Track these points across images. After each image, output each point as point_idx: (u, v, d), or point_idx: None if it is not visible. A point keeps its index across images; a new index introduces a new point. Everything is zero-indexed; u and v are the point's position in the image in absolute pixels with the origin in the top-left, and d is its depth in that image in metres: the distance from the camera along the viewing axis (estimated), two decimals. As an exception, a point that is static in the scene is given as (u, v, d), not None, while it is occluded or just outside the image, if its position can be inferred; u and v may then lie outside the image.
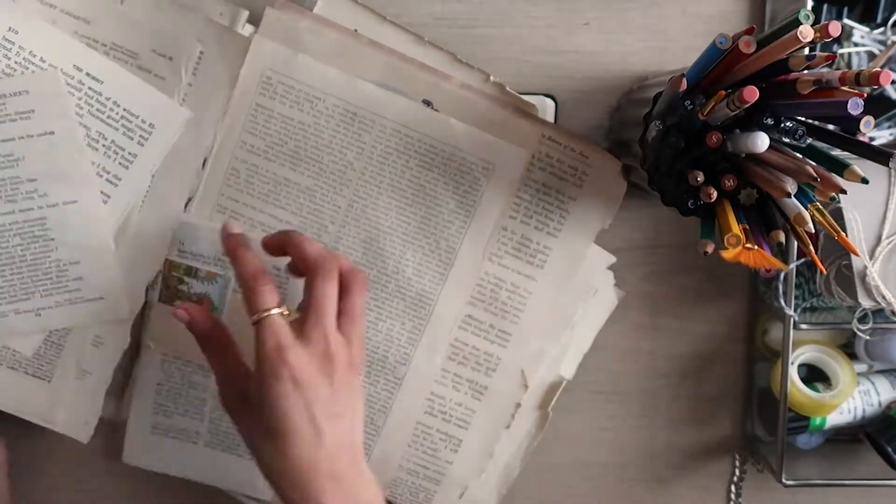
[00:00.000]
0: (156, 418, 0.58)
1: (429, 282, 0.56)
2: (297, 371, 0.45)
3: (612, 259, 0.57)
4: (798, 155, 0.43)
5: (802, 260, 0.55)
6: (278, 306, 0.46)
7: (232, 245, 0.50)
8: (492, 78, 0.54)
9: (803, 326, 0.56)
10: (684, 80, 0.41)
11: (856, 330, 0.56)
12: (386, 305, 0.56)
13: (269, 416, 0.45)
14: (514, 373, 0.57)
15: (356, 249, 0.55)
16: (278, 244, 0.50)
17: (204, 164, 0.55)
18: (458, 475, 0.59)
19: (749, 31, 0.40)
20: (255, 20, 0.54)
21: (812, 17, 0.38)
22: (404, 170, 0.54)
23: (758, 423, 0.62)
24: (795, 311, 0.56)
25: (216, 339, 0.50)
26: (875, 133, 0.58)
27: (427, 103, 0.54)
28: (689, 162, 0.44)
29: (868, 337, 0.57)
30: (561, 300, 0.57)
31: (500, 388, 0.57)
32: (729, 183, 0.43)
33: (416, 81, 0.54)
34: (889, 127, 0.58)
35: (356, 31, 0.54)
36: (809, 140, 0.43)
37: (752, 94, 0.39)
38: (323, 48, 0.53)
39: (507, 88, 0.54)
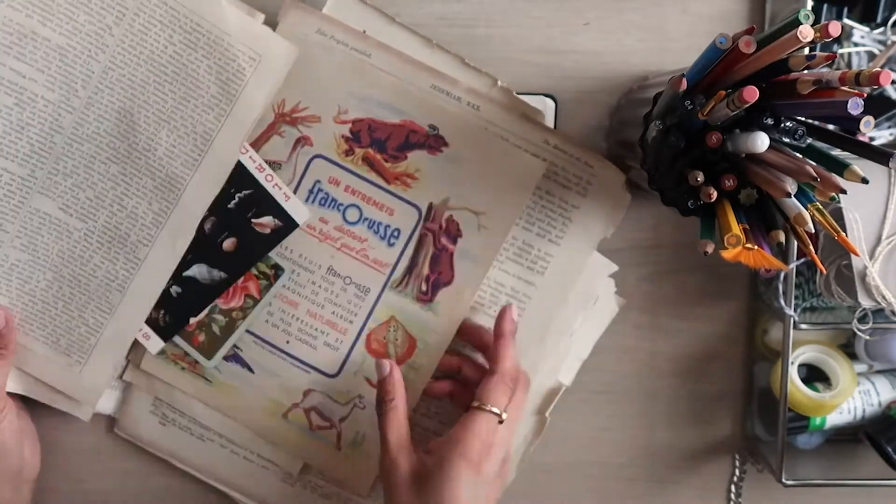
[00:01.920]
0: None
1: (180, 165, 0.53)
2: (484, 468, 0.49)
3: (614, 268, 0.57)
4: (798, 155, 0.43)
5: (802, 260, 0.55)
6: (504, 410, 0.50)
7: (508, 330, 0.53)
8: (499, 83, 0.54)
9: (803, 326, 0.56)
10: (684, 80, 0.41)
11: (856, 330, 0.56)
12: (134, 182, 0.54)
13: (443, 494, 0.47)
14: None
15: (108, 119, 0.53)
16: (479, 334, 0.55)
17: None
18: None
19: (749, 31, 0.40)
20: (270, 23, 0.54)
21: (812, 17, 0.38)
22: (167, 45, 0.52)
23: (758, 423, 0.62)
24: (795, 311, 0.56)
25: (402, 406, 0.52)
26: (875, 133, 0.58)
27: (433, 129, 0.54)
28: (689, 162, 0.44)
29: (868, 337, 0.57)
30: (561, 307, 0.56)
31: None
32: (729, 183, 0.43)
33: (423, 105, 0.54)
34: (889, 127, 0.58)
35: (364, 32, 0.54)
36: (809, 140, 0.43)
37: (752, 94, 0.39)
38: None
39: (515, 94, 0.54)
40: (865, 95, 0.39)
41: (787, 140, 0.43)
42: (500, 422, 0.50)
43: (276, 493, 0.59)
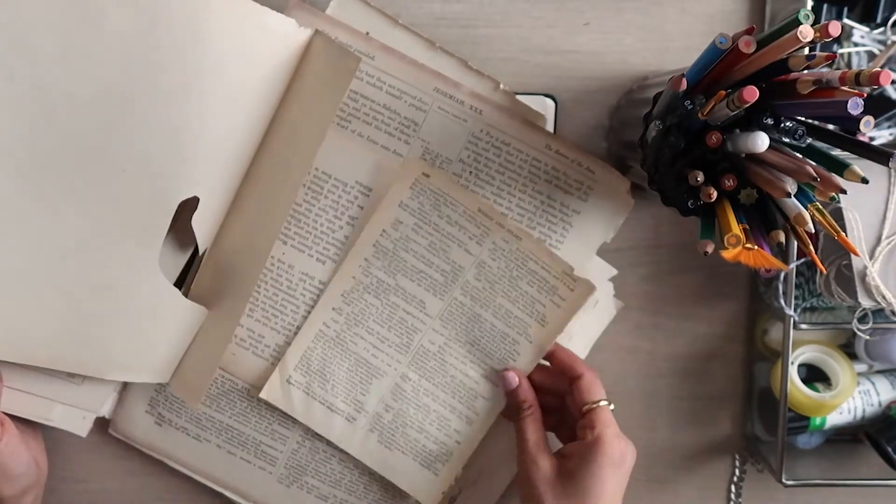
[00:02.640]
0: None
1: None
2: (627, 458, 0.51)
3: (614, 271, 0.58)
4: (798, 155, 0.43)
5: (802, 260, 0.55)
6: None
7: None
8: (501, 86, 0.54)
9: (803, 326, 0.56)
10: (684, 80, 0.41)
11: (856, 330, 0.56)
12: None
13: (592, 492, 0.49)
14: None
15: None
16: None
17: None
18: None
19: (749, 31, 0.40)
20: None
21: (812, 17, 0.38)
22: None
23: (758, 423, 0.62)
24: (795, 311, 0.56)
25: (538, 411, 0.54)
26: (875, 133, 0.58)
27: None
28: (689, 162, 0.44)
29: (868, 337, 0.57)
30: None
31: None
32: (729, 183, 0.43)
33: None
34: (889, 127, 0.58)
35: (367, 33, 0.54)
36: (809, 140, 0.43)
37: (752, 94, 0.39)
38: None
39: (517, 97, 0.54)
40: (865, 95, 0.39)
41: (787, 140, 0.43)
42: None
43: (272, 494, 0.59)
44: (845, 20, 0.57)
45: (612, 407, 0.52)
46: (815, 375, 0.60)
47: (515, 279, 0.55)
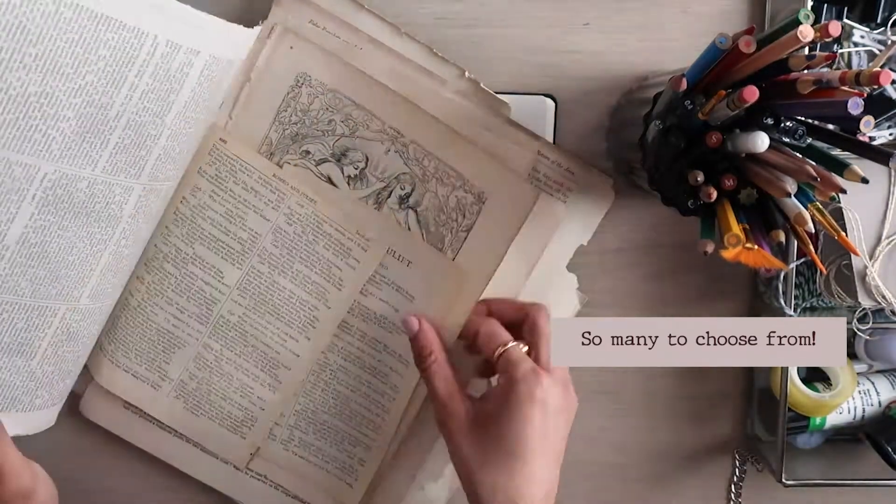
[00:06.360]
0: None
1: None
2: (550, 396, 0.47)
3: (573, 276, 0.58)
4: (798, 155, 0.43)
5: (802, 260, 0.55)
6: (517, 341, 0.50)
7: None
8: (467, 74, 0.53)
9: (803, 326, 0.56)
10: (684, 80, 0.41)
11: (856, 330, 0.56)
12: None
13: (513, 437, 0.47)
14: None
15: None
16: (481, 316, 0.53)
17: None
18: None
19: (749, 31, 0.40)
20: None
21: (812, 17, 0.38)
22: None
23: (758, 423, 0.62)
24: (795, 311, 0.56)
25: (441, 356, 0.51)
26: (875, 133, 0.58)
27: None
28: (689, 162, 0.44)
29: (868, 337, 0.57)
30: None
31: None
32: (729, 183, 0.43)
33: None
34: (889, 127, 0.58)
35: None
36: (809, 140, 0.43)
37: (752, 93, 0.39)
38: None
39: (482, 85, 0.53)
40: (865, 95, 0.39)
41: (787, 140, 0.43)
42: (528, 352, 0.49)
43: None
44: (845, 20, 0.57)
45: (523, 348, 0.50)
46: (815, 375, 0.60)
47: (312, 243, 0.54)
